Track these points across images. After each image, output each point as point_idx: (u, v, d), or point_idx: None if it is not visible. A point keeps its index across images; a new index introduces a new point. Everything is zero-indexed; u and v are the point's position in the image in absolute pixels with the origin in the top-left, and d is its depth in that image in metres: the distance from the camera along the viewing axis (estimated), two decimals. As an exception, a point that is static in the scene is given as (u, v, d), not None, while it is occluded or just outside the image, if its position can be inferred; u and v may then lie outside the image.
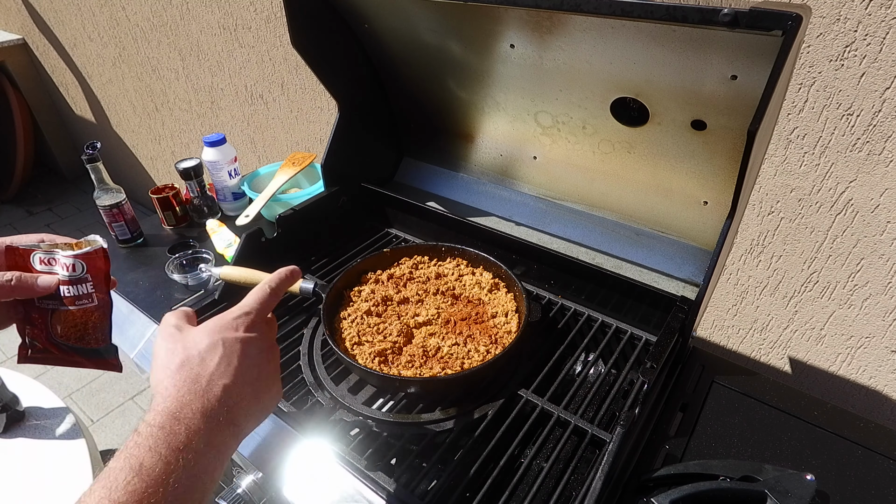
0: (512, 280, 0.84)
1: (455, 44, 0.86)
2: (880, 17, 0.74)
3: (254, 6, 1.56)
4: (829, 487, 0.64)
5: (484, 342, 0.75)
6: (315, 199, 1.05)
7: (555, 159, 0.95)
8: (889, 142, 0.80)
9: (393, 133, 1.17)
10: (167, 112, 2.27)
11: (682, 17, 0.54)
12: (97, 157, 1.05)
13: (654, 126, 0.77)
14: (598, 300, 0.87)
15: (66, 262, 0.54)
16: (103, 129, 2.79)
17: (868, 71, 0.78)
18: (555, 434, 0.68)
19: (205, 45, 1.83)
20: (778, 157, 0.91)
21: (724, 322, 1.14)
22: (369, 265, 0.90)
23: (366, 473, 0.62)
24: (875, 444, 0.68)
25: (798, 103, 0.86)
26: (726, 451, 0.68)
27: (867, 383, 1.02)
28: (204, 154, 1.19)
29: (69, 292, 0.55)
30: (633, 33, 0.66)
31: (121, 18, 2.10)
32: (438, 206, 1.07)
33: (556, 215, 1.00)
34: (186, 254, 1.04)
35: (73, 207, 3.11)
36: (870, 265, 0.90)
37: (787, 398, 0.75)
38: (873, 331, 0.96)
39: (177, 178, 1.17)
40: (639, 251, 0.91)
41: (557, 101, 0.84)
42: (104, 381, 2.01)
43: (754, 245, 1.01)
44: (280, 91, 1.70)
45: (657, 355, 0.66)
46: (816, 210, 0.91)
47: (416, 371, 0.72)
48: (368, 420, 0.69)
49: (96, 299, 0.56)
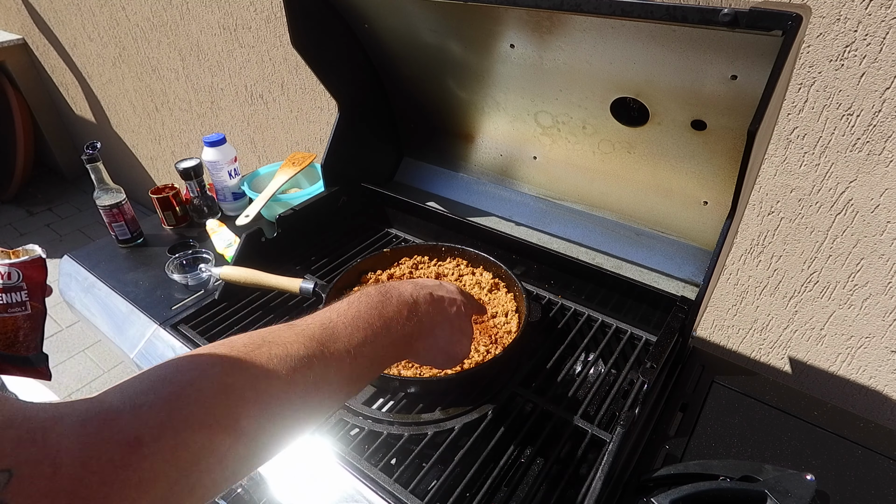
0: (512, 280, 0.84)
1: (455, 44, 0.86)
2: (880, 17, 0.74)
3: (254, 6, 1.56)
4: (829, 487, 0.64)
5: (484, 342, 0.76)
6: (315, 199, 1.05)
7: (555, 159, 0.95)
8: (889, 142, 0.80)
9: (393, 133, 1.17)
10: (167, 112, 2.27)
11: (682, 17, 0.54)
12: (97, 157, 1.05)
13: (654, 126, 0.77)
14: (598, 300, 0.87)
15: (0, 269, 0.54)
16: (103, 129, 2.79)
17: (868, 71, 0.78)
18: (555, 434, 0.68)
19: (205, 45, 1.83)
20: (778, 157, 0.91)
21: (724, 322, 1.14)
22: (369, 265, 0.90)
23: (366, 473, 0.62)
24: (875, 444, 0.68)
25: (798, 103, 0.86)
26: (726, 451, 0.68)
27: (867, 383, 1.02)
28: (204, 154, 1.19)
29: (2, 300, 0.55)
30: (633, 33, 0.66)
31: (121, 18, 2.10)
32: (438, 206, 1.07)
33: (556, 215, 1.00)
34: (186, 254, 1.04)
35: (73, 207, 3.11)
36: (870, 265, 0.90)
37: (787, 398, 0.75)
38: (873, 331, 0.96)
39: (177, 178, 1.17)
40: (639, 251, 0.91)
41: (557, 101, 0.84)
42: (104, 380, 2.01)
43: (754, 245, 1.01)
44: (280, 91, 1.70)
45: (657, 355, 0.66)
46: (816, 210, 0.91)
47: (417, 371, 0.72)
48: (368, 420, 0.69)
49: (30, 307, 0.56)
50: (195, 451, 0.29)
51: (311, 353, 0.39)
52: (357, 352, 0.43)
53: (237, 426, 0.32)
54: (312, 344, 0.40)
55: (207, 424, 0.30)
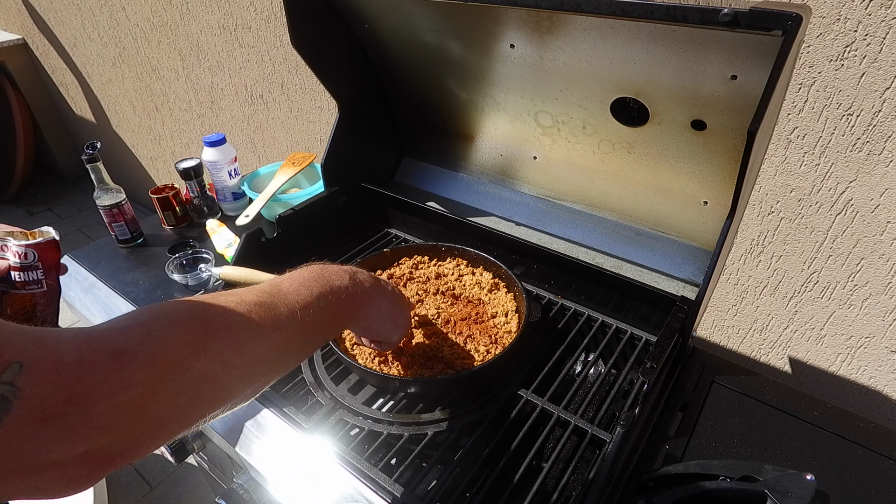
0: (512, 280, 0.84)
1: (455, 44, 0.86)
2: (880, 17, 0.74)
3: (254, 6, 1.56)
4: (829, 487, 0.64)
5: (484, 342, 0.76)
6: (315, 199, 1.05)
7: (555, 159, 0.95)
8: (889, 142, 0.80)
9: (393, 133, 1.17)
10: (167, 112, 2.27)
11: (682, 17, 0.54)
12: (97, 157, 1.05)
13: (654, 126, 0.77)
14: (598, 300, 0.86)
15: (17, 249, 0.60)
16: (103, 129, 2.79)
17: (868, 71, 0.78)
18: (555, 434, 0.68)
19: (205, 45, 1.83)
20: (778, 157, 0.91)
21: (724, 322, 1.14)
22: (369, 265, 0.90)
23: (366, 473, 0.62)
24: (875, 444, 0.68)
25: (798, 103, 0.86)
26: (726, 451, 0.68)
27: (867, 383, 1.02)
28: (204, 154, 1.19)
29: (20, 277, 0.61)
30: (633, 33, 0.66)
31: (121, 18, 2.10)
32: (438, 206, 1.07)
33: (556, 215, 1.00)
34: (186, 254, 1.04)
35: (73, 207, 3.11)
36: (870, 265, 0.90)
37: (787, 398, 0.75)
38: (873, 331, 0.96)
39: (177, 178, 1.17)
40: (639, 251, 0.91)
41: (557, 101, 0.84)
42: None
43: (754, 245, 1.01)
44: (280, 91, 1.70)
45: (657, 355, 0.66)
46: (816, 210, 0.91)
47: (417, 371, 0.72)
48: (368, 420, 0.69)
49: (45, 285, 0.62)
50: (167, 363, 0.34)
51: (263, 301, 0.44)
52: (306, 305, 0.48)
53: (206, 347, 0.37)
54: (264, 296, 0.45)
55: (180, 343, 0.36)
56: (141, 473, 1.69)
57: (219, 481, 1.03)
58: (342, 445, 0.65)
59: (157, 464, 1.71)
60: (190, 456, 0.86)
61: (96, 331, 0.33)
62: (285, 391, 0.73)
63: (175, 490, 1.65)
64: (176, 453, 0.82)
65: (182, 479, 1.67)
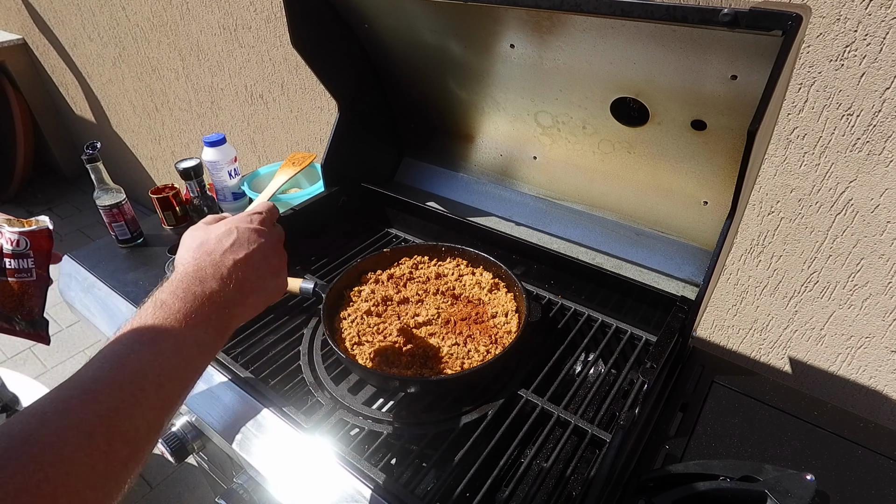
0: (512, 280, 0.84)
1: (455, 44, 0.86)
2: (880, 17, 0.74)
3: (254, 6, 1.56)
4: (829, 487, 0.64)
5: (484, 342, 0.76)
6: (315, 199, 1.05)
7: (555, 159, 0.95)
8: (889, 142, 0.80)
9: (393, 133, 1.17)
10: (167, 112, 2.27)
11: (682, 17, 0.54)
12: (97, 157, 1.05)
13: (654, 126, 0.78)
14: (598, 300, 0.87)
15: (10, 236, 0.59)
16: (103, 129, 2.79)
17: (868, 71, 0.78)
18: (555, 434, 0.68)
19: (205, 45, 1.83)
20: (778, 157, 0.91)
21: (724, 322, 1.14)
22: (369, 265, 0.90)
23: (366, 473, 0.62)
24: (875, 444, 0.68)
25: (798, 103, 0.86)
26: (726, 451, 0.68)
27: (867, 383, 1.02)
28: (204, 154, 1.19)
29: (11, 265, 0.60)
30: (633, 33, 0.66)
31: (121, 18, 2.10)
32: (438, 206, 1.07)
33: (556, 215, 1.00)
34: (186, 254, 1.04)
35: (73, 207, 3.11)
36: (870, 265, 0.90)
37: (787, 398, 0.75)
38: (873, 331, 0.96)
39: (177, 178, 1.17)
40: (639, 251, 0.91)
41: (557, 101, 0.84)
42: (104, 381, 2.01)
43: (754, 245, 1.01)
44: (280, 91, 1.70)
45: (657, 355, 0.66)
46: (816, 210, 0.91)
47: (417, 371, 0.72)
48: (368, 420, 0.69)
49: (35, 275, 0.62)
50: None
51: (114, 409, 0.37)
52: (188, 316, 0.44)
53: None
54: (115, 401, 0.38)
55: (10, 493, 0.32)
56: (141, 474, 1.69)
57: (219, 481, 1.03)
58: (342, 445, 0.65)
59: (157, 464, 1.71)
60: (190, 456, 0.86)
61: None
62: (285, 391, 0.73)
63: (175, 490, 1.65)
64: (176, 453, 0.82)
65: (182, 479, 1.67)
